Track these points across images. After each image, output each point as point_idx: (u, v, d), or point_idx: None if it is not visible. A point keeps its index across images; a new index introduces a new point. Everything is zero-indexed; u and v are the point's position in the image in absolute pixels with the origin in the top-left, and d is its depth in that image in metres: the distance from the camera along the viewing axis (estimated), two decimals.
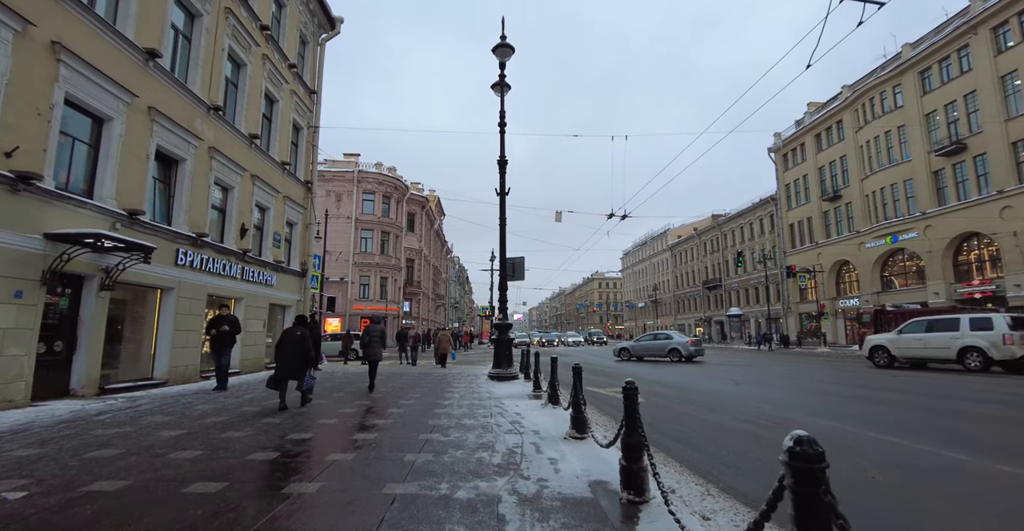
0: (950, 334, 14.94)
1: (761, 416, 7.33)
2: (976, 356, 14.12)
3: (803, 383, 12.46)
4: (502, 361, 11.75)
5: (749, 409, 8.05)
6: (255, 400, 8.30)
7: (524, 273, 12.65)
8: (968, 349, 14.32)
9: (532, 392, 9.34)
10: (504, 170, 12.54)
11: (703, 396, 9.95)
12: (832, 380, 13.06)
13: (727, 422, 6.90)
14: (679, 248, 70.47)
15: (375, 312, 37.68)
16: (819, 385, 11.88)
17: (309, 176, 17.23)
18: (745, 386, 11.77)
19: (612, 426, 6.58)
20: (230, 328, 9.43)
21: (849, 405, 8.32)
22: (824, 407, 8.22)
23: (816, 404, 8.65)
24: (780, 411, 7.75)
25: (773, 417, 7.22)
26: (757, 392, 10.52)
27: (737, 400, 9.23)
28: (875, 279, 37.69)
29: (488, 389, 9.97)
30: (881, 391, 10.31)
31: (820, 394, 10.17)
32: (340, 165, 39.80)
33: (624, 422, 3.34)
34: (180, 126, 10.21)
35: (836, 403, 8.66)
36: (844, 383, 12.23)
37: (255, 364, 13.43)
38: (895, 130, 35.64)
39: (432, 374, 13.97)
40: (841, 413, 7.40)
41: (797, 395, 10.11)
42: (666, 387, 11.62)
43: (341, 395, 9.14)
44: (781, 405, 8.45)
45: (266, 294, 14.17)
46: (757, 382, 12.72)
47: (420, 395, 9.05)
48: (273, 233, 14.64)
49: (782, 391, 10.80)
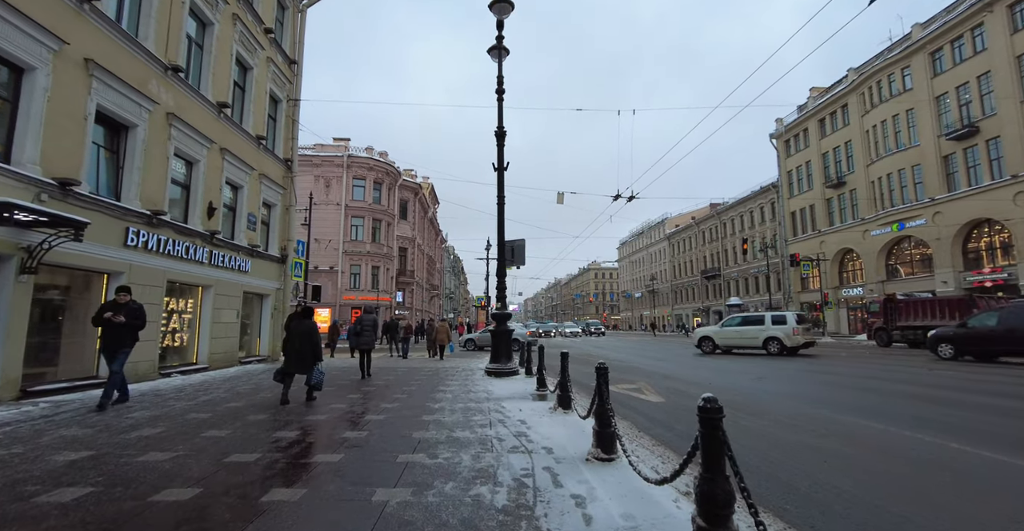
0: (758, 327, 18.33)
1: (806, 419, 6.18)
2: (775, 343, 17.64)
3: (828, 378, 11.34)
4: (501, 355, 10.54)
5: (788, 411, 6.90)
6: (208, 405, 7.05)
7: (524, 257, 11.43)
8: (770, 339, 17.77)
9: (536, 391, 8.16)
10: (502, 143, 11.25)
11: (729, 394, 8.80)
12: (866, 375, 11.96)
13: (779, 432, 5.73)
14: (677, 237, 69.38)
15: (367, 303, 36.45)
16: (848, 380, 10.77)
17: (289, 153, 15.84)
18: (767, 382, 10.65)
19: (637, 438, 5.39)
20: (127, 318, 6.74)
21: (901, 404, 7.19)
22: (874, 408, 7.08)
23: (865, 403, 7.51)
24: (818, 409, 6.63)
25: (821, 419, 6.07)
26: (783, 389, 9.40)
27: (769, 400, 8.09)
28: (880, 268, 36.73)
29: (486, 387, 8.78)
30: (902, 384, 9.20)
31: (865, 391, 9.05)
32: (329, 149, 38.21)
33: (704, 465, 2.11)
34: (129, 85, 8.82)
35: (892, 404, 7.53)
36: (891, 379, 11.12)
37: (227, 359, 12.17)
38: (903, 114, 34.44)
39: (423, 369, 12.77)
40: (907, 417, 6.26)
41: (831, 391, 8.98)
42: (684, 383, 10.48)
43: (321, 393, 7.94)
44: (817, 403, 7.32)
45: (240, 281, 12.87)
46: (777, 377, 11.61)
47: (407, 395, 7.83)
48: (247, 214, 13.29)
49: (808, 386, 9.68)
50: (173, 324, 10.53)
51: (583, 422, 5.08)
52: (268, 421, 5.78)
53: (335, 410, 6.52)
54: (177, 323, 10.67)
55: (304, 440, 4.83)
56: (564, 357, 6.18)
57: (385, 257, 39.30)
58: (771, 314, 18.64)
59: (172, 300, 10.54)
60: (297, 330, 7.22)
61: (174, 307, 10.58)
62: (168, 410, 6.48)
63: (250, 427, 5.43)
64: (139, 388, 8.36)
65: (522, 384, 9.11)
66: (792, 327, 17.59)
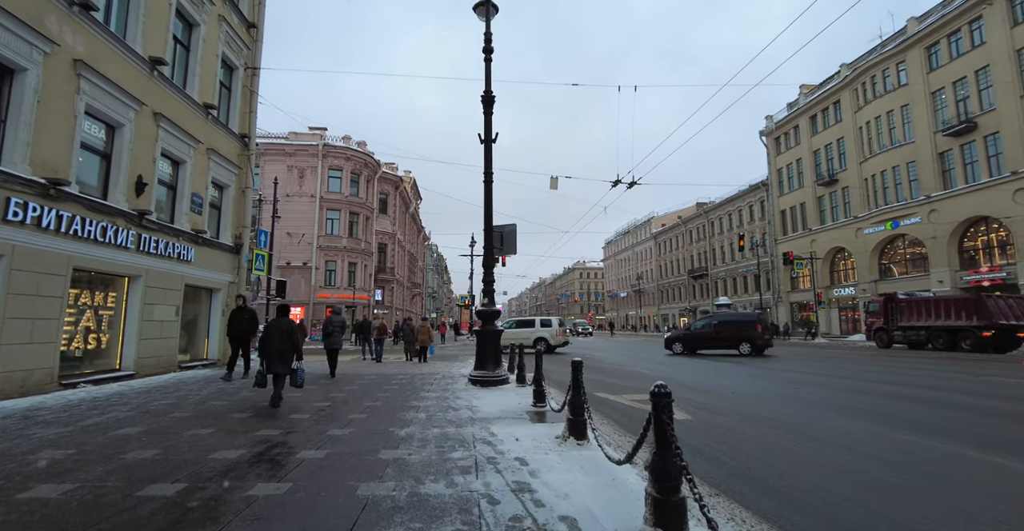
0: (529, 329, 21.51)
1: (836, 431, 4.63)
2: (543, 343, 19.98)
3: (838, 380, 9.89)
4: (487, 360, 8.84)
5: (818, 423, 5.36)
6: (79, 435, 5.21)
7: (516, 245, 9.74)
8: (538, 338, 20.02)
9: (533, 407, 6.50)
10: (490, 109, 9.55)
11: (752, 406, 7.25)
12: (867, 377, 10.55)
13: (815, 450, 4.15)
14: (663, 236, 68.45)
15: (343, 301, 34.35)
16: (856, 383, 9.33)
17: (246, 128, 13.88)
18: (804, 388, 9.15)
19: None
20: None
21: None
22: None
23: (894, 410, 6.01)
24: (852, 422, 5.09)
25: (851, 433, 4.52)
26: (793, 393, 7.89)
27: (793, 409, 6.55)
28: (873, 267, 35.98)
29: (469, 401, 7.06)
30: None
31: (870, 395, 7.58)
32: (304, 138, 36.01)
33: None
34: (14, 17, 6.89)
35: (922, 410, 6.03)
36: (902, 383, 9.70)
37: (162, 363, 10.22)
38: (898, 110, 33.68)
39: (397, 375, 10.99)
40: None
41: (847, 396, 7.49)
42: (701, 393, 8.92)
43: (258, 410, 6.15)
44: (843, 411, 5.79)
45: (180, 272, 10.92)
46: (784, 380, 10.13)
47: (367, 415, 6.07)
48: (191, 194, 11.34)
49: (823, 389, 8.19)
50: (86, 322, 8.59)
51: (615, 468, 3.42)
52: (143, 465, 3.99)
53: (260, 440, 4.74)
54: (91, 321, 8.72)
55: (172, 509, 3.03)
56: (577, 367, 4.51)
57: (363, 253, 37.24)
58: (540, 318, 23.21)
59: (84, 292, 8.59)
60: (276, 330, 6.96)
61: (86, 301, 8.64)
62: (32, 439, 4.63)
63: (111, 476, 3.63)
64: (19, 404, 6.44)
65: (514, 397, 7.41)
66: (555, 329, 21.64)
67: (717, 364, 15.55)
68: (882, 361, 16.05)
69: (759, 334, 18.44)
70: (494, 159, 9.38)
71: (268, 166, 34.83)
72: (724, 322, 20.33)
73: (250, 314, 10.08)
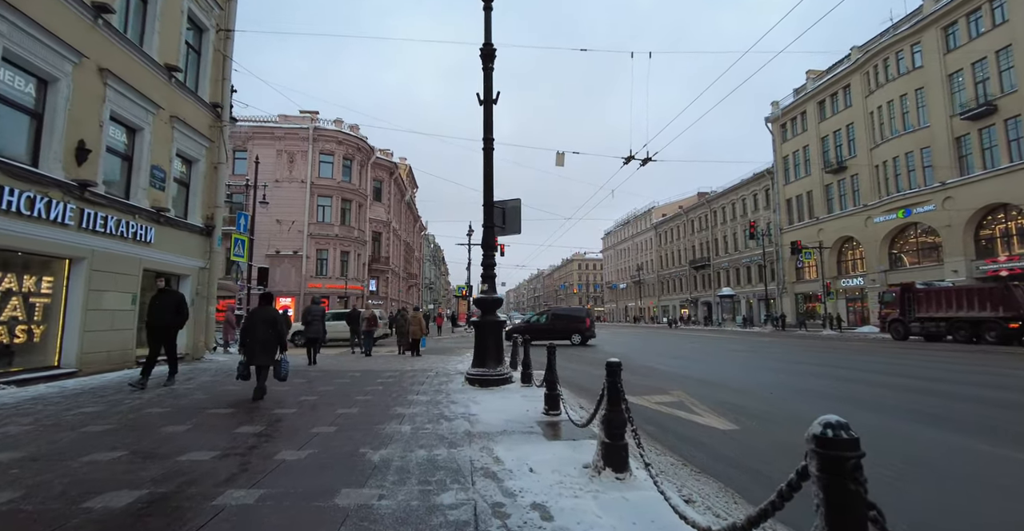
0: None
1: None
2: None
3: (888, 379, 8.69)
4: (488, 355, 7.57)
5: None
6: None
7: (520, 223, 8.45)
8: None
9: (545, 415, 5.27)
10: (490, 65, 8.21)
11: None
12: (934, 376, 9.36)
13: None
14: (664, 227, 67.20)
15: (328, 293, 33.07)
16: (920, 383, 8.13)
17: (219, 98, 12.45)
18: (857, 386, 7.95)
19: None
20: None
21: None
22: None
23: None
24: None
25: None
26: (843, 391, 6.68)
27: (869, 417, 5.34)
28: (883, 256, 34.81)
29: (466, 407, 5.79)
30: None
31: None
32: (294, 121, 34.42)
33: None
34: None
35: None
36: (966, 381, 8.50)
37: (113, 359, 8.92)
38: (912, 93, 32.31)
39: (385, 372, 9.73)
40: None
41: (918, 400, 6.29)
42: (735, 393, 7.70)
43: (205, 416, 4.90)
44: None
45: (137, 254, 9.58)
46: (827, 376, 8.93)
47: (336, 428, 4.79)
48: (151, 167, 9.96)
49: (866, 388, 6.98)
50: (11, 311, 7.27)
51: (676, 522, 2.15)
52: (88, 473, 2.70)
53: (174, 473, 3.45)
54: (20, 310, 7.40)
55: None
56: (613, 371, 3.24)
57: (356, 241, 35.85)
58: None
59: (8, 276, 7.26)
60: (259, 319, 6.67)
61: (12, 286, 7.31)
62: None
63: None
64: None
65: (520, 401, 6.16)
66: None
67: (734, 356, 14.38)
68: (907, 353, 14.89)
69: (588, 327, 21.01)
70: (494, 127, 8.06)
71: (256, 150, 33.26)
72: (558, 316, 22.43)
73: (175, 300, 7.77)
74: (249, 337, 6.60)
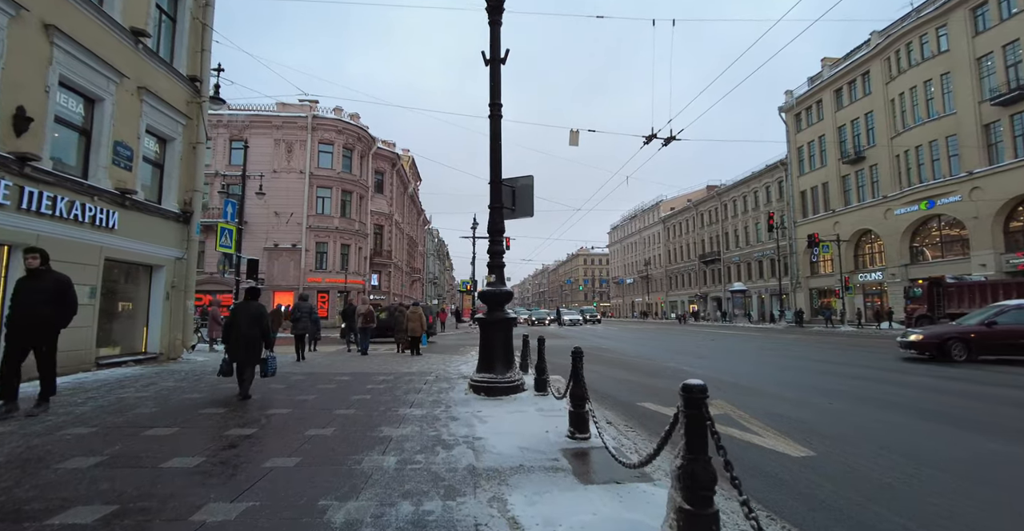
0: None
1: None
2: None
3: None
4: (495, 359, 6.40)
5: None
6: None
7: (532, 205, 7.25)
8: None
9: (570, 438, 4.13)
10: (497, 18, 6.99)
11: (855, 421, 4.87)
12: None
13: None
14: (672, 221, 65.78)
15: (316, 286, 32.05)
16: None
17: (197, 71, 11.28)
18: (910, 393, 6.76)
19: None
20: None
21: None
22: None
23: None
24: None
25: None
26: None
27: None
28: (904, 250, 33.40)
29: (470, 427, 4.63)
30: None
31: None
32: (292, 109, 33.25)
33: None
34: None
35: None
36: None
37: (70, 361, 7.81)
38: (937, 79, 30.75)
39: (376, 376, 8.59)
40: None
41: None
42: (782, 401, 6.53)
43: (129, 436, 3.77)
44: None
45: (97, 242, 8.46)
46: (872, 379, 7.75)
47: (300, 459, 3.66)
48: (114, 144, 8.83)
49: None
50: None
51: None
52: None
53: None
54: None
55: None
56: (696, 399, 2.06)
57: (357, 234, 34.74)
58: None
59: None
60: (245, 313, 6.45)
61: None
62: None
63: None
64: None
65: (537, 417, 4.99)
66: None
67: (763, 356, 13.18)
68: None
69: (431, 323, 20.47)
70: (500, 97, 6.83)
71: (254, 140, 32.27)
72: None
73: (53, 286, 5.44)
74: (232, 334, 6.29)
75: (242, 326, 6.29)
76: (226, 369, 6.25)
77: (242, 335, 6.25)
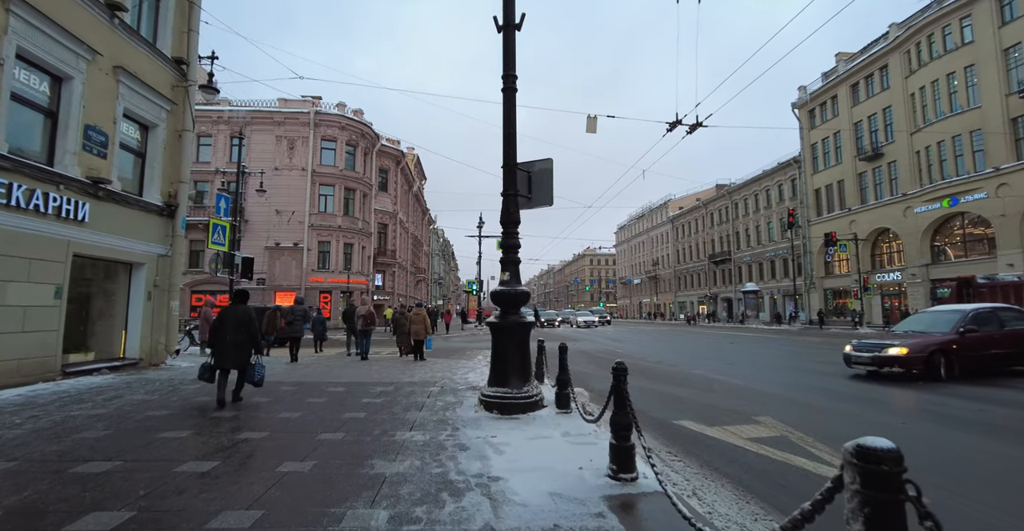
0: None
1: None
2: None
3: None
4: (510, 371, 5.46)
5: None
6: None
7: (552, 192, 6.33)
8: None
9: (614, 477, 3.19)
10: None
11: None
12: None
13: None
14: (681, 220, 64.62)
15: (318, 286, 31.26)
16: None
17: (184, 52, 10.43)
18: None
19: None
20: None
21: None
22: None
23: None
24: None
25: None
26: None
27: None
28: (924, 249, 32.15)
29: (483, 463, 3.68)
30: None
31: None
32: (294, 105, 32.47)
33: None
34: None
35: None
36: None
37: (30, 369, 6.95)
38: (961, 71, 29.52)
39: (374, 386, 7.67)
40: None
41: None
42: (845, 420, 5.56)
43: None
44: None
45: (63, 235, 7.61)
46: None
47: (262, 515, 2.74)
48: (84, 127, 7.98)
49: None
50: None
51: None
52: None
53: None
54: None
55: None
56: (883, 490, 1.11)
57: (360, 233, 33.90)
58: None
59: None
60: (232, 318, 6.12)
61: None
62: None
63: None
64: None
65: (564, 446, 4.05)
66: None
67: (795, 361, 12.19)
68: None
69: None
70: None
71: (255, 136, 31.55)
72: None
73: None
74: (218, 339, 6.06)
75: (228, 331, 6.02)
76: (207, 375, 6.04)
77: (228, 341, 6.00)
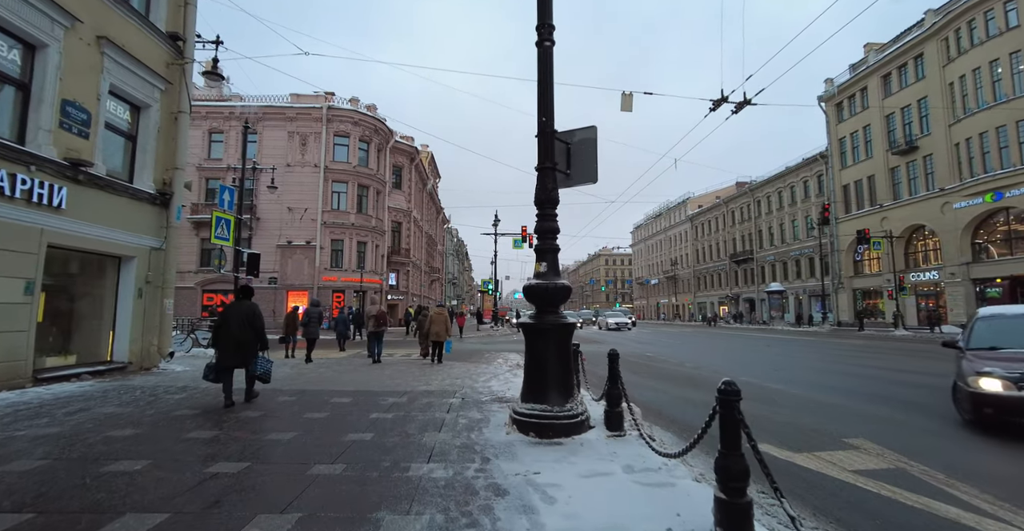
0: None
1: None
2: None
3: None
4: (549, 382, 4.43)
5: None
6: None
7: (596, 167, 5.27)
8: None
9: None
10: None
11: None
12: None
13: None
14: (700, 219, 62.96)
15: (331, 285, 30.51)
16: None
17: (180, 27, 9.58)
18: None
19: None
20: None
21: None
22: None
23: None
24: None
25: None
26: None
27: None
28: (965, 247, 30.34)
29: (528, 519, 2.62)
30: None
31: None
32: (307, 100, 31.83)
33: None
34: None
35: None
36: None
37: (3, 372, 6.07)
38: (1005, 58, 27.75)
39: (386, 396, 6.69)
40: None
41: None
42: (951, 442, 4.40)
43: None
44: None
45: (34, 223, 6.78)
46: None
47: None
48: (62, 102, 7.14)
49: None
50: None
51: None
52: None
53: None
54: None
55: None
56: None
57: (374, 231, 33.13)
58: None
59: None
60: (236, 314, 5.98)
61: None
62: None
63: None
64: None
65: (632, 488, 3.01)
66: None
67: (853, 367, 10.95)
68: None
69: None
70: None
71: (267, 132, 31.03)
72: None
73: None
74: (222, 336, 5.93)
75: (232, 328, 5.86)
76: (210, 376, 5.90)
77: (233, 338, 5.84)
